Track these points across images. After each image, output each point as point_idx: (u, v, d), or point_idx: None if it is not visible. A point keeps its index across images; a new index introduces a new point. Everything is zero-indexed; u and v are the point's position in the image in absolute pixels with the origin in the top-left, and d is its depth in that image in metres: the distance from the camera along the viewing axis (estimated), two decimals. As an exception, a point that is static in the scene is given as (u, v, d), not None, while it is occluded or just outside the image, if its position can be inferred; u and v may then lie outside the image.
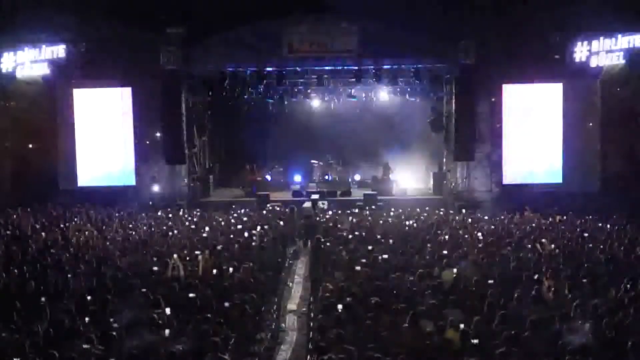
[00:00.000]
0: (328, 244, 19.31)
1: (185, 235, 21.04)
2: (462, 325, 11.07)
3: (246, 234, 20.59)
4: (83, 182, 30.74)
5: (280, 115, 33.37)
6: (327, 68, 30.31)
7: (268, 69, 30.22)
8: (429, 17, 28.06)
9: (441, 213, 26.24)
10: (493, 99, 30.50)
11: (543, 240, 18.60)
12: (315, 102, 33.17)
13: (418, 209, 26.74)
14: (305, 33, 29.46)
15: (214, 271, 15.41)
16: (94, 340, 10.35)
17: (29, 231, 21.69)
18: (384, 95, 32.12)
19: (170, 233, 21.41)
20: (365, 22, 29.11)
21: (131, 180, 30.80)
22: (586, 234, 20.29)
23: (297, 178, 33.69)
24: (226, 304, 12.58)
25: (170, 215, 25.67)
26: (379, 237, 19.77)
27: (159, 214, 25.90)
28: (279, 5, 28.88)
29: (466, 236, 20.21)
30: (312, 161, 33.78)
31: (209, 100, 33.35)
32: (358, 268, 15.33)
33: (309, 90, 32.03)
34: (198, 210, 27.35)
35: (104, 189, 30.06)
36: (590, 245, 18.42)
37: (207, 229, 21.83)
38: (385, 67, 29.95)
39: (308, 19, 29.36)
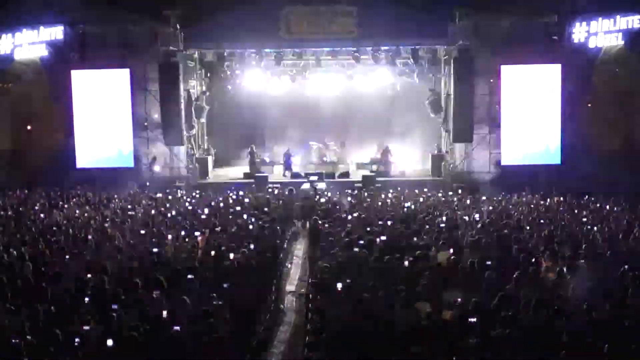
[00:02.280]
0: (326, 225, 19.33)
1: (184, 216, 21.05)
2: (459, 300, 11.15)
3: (245, 216, 20.62)
4: (81, 164, 30.72)
5: (278, 97, 33.35)
6: (325, 49, 30.30)
7: (266, 50, 30.16)
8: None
9: (439, 194, 26.26)
10: (491, 80, 30.40)
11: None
12: (313, 84, 33.06)
13: (416, 191, 26.74)
14: (303, 14, 29.42)
15: (213, 253, 15.43)
16: (94, 321, 10.40)
17: (28, 212, 21.71)
18: (382, 76, 32.07)
19: (169, 214, 21.43)
20: (364, 3, 29.03)
21: (129, 162, 30.75)
22: (584, 215, 20.34)
23: (296, 160, 33.65)
24: (225, 285, 12.62)
25: (169, 197, 25.67)
26: (377, 218, 19.78)
27: (158, 195, 25.89)
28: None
29: (464, 217, 20.23)
30: (311, 143, 33.70)
31: (207, 81, 33.42)
32: (356, 249, 15.35)
33: (306, 72, 31.95)
34: (197, 191, 27.35)
35: (102, 171, 30.01)
36: (589, 226, 18.46)
37: (205, 210, 21.84)
38: (383, 48, 29.92)
39: (306, 0, 29.26)
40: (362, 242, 16.04)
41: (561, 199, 23.98)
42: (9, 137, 31.25)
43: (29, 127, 31.49)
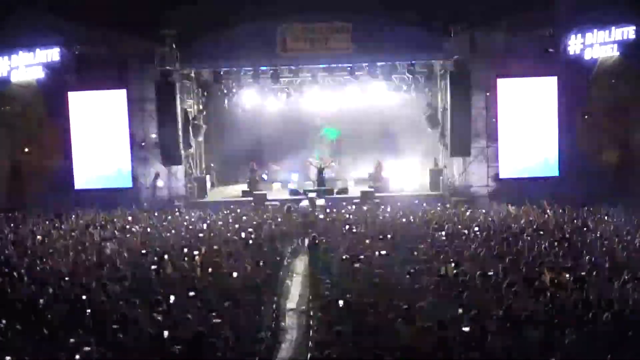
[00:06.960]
0: (326, 241, 19.28)
1: (183, 235, 21.01)
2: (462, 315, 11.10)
3: (244, 234, 20.57)
4: (80, 185, 30.68)
5: (275, 114, 33.40)
6: (321, 66, 30.34)
7: (262, 67, 30.21)
8: (423, 12, 28.07)
9: (438, 209, 26.24)
10: (488, 94, 30.42)
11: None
12: (310, 100, 33.06)
13: (415, 202, 26.73)
14: (299, 31, 29.46)
15: (211, 270, 15.38)
16: (93, 341, 10.34)
17: (26, 234, 21.66)
18: (378, 92, 32.10)
19: (168, 233, 21.39)
20: (359, 19, 29.09)
21: (128, 182, 30.73)
22: (585, 227, 20.32)
23: (294, 177, 33.61)
24: (226, 304, 12.57)
25: (168, 216, 25.63)
26: (376, 233, 19.74)
27: (156, 214, 25.86)
28: (272, 3, 28.81)
29: (464, 231, 20.20)
30: (309, 159, 33.67)
31: (204, 100, 33.45)
32: (356, 265, 15.31)
33: (303, 89, 31.99)
34: (195, 210, 27.30)
35: (100, 192, 29.94)
36: (589, 238, 18.43)
37: (205, 227, 21.80)
38: (379, 63, 29.96)
39: (301, 17, 29.31)
40: (362, 257, 16.02)
41: (560, 210, 23.97)
42: (7, 160, 31.21)
43: (26, 149, 31.48)
